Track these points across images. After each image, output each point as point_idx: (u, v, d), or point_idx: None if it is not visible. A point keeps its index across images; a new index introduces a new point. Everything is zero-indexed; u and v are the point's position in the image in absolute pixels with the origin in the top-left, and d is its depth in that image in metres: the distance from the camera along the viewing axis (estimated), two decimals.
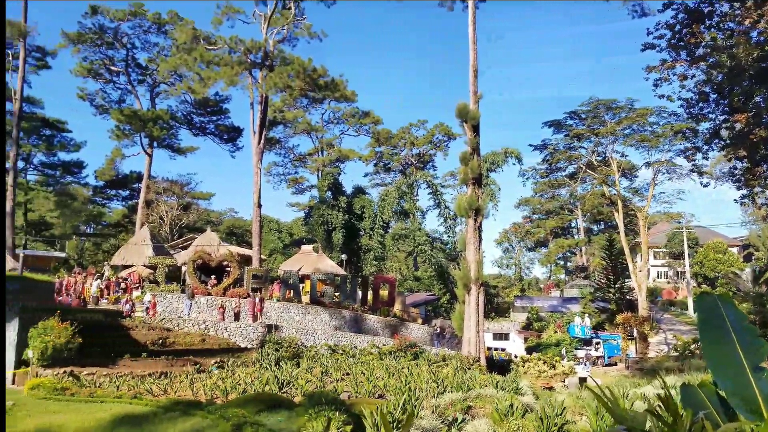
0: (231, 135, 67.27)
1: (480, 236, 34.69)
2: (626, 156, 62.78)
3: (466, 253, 34.98)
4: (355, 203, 62.96)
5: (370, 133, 79.68)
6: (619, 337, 46.44)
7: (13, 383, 21.98)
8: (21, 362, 22.63)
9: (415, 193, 73.65)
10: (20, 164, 57.21)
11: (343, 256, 54.99)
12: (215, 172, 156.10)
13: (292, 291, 39.05)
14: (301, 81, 45.91)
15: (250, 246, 51.01)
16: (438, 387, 23.05)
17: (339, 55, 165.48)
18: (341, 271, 47.42)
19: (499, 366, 35.88)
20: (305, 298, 40.01)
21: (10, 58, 55.55)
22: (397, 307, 45.62)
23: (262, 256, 49.62)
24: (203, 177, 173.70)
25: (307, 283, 41.78)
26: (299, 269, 43.74)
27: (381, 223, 62.12)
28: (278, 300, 37.60)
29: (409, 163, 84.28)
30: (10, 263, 33.48)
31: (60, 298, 32.13)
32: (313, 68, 45.96)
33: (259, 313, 34.93)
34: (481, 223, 34.76)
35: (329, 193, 63.15)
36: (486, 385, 24.22)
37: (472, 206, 33.90)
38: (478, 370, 29.25)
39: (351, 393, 22.47)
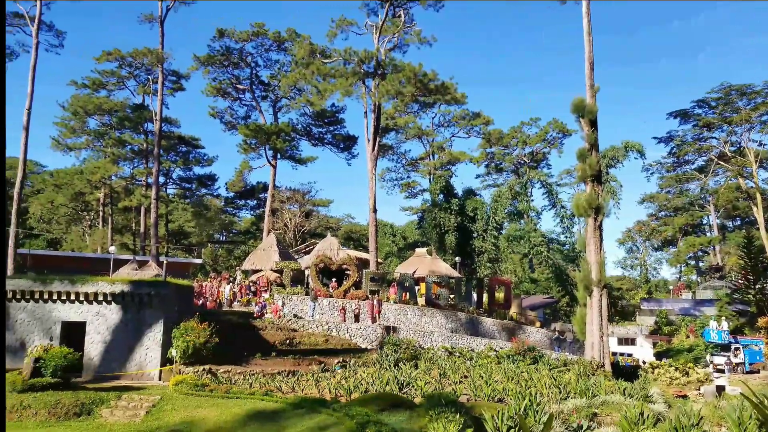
0: (347, 144, 69.28)
1: (601, 236, 33.10)
2: (764, 145, 57.13)
3: (586, 254, 33.54)
4: (468, 205, 62.41)
5: (480, 134, 78.63)
6: (762, 342, 42.30)
7: (160, 379, 24.00)
8: (166, 360, 24.66)
9: (529, 193, 71.59)
10: (161, 179, 62.45)
11: (457, 259, 54.68)
12: (333, 180, 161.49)
13: (408, 293, 39.43)
14: (412, 87, 46.35)
15: (366, 250, 52.17)
16: (560, 393, 22.27)
17: (447, 56, 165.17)
18: (455, 274, 47.19)
19: (625, 372, 33.97)
20: (421, 301, 40.23)
21: (150, 83, 60.89)
22: (513, 310, 44.64)
23: (379, 260, 50.56)
24: (322, 185, 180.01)
25: (423, 285, 42.00)
26: (414, 272, 44.08)
27: (494, 224, 61.05)
28: (395, 302, 38.12)
29: (522, 162, 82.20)
30: (154, 269, 36.70)
31: (199, 301, 34.71)
32: (423, 73, 46.24)
33: (377, 315, 35.63)
34: (601, 222, 33.17)
35: (441, 196, 63.06)
36: (612, 392, 23.07)
37: (592, 205, 32.43)
38: (602, 376, 27.90)
39: (470, 396, 22.28)
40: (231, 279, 43.10)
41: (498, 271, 60.98)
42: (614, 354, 39.37)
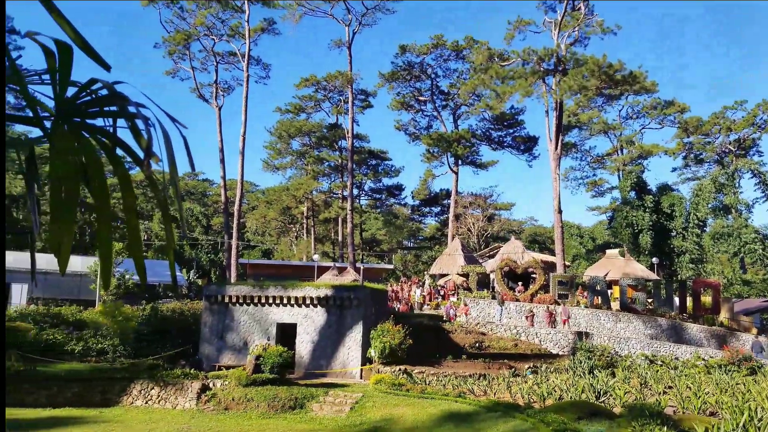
0: (527, 145, 67.45)
1: None
2: None
3: None
4: (663, 202, 56.89)
5: (675, 123, 71.35)
6: None
7: (361, 377, 25.32)
8: (366, 359, 25.95)
9: (737, 185, 63.17)
10: (355, 191, 66.34)
11: (654, 260, 50.02)
12: (514, 183, 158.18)
13: (599, 297, 36.97)
14: (597, 80, 43.65)
15: (552, 253, 50.10)
16: None
17: (634, 44, 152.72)
18: (653, 276, 43.20)
19: None
20: (614, 305, 37.45)
21: (342, 103, 65.15)
22: (723, 315, 39.57)
23: (566, 262, 48.22)
24: (503, 188, 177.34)
25: (616, 289, 39.07)
26: (606, 274, 41.21)
27: (695, 221, 54.90)
28: (585, 307, 35.98)
29: (727, 151, 72.79)
30: (352, 275, 39.00)
31: (392, 305, 36.12)
32: (608, 64, 43.31)
33: (567, 320, 33.94)
34: None
35: (633, 193, 58.33)
36: None
37: None
38: None
39: (676, 408, 20.17)
40: (420, 283, 44.18)
41: (702, 273, 54.65)
42: None
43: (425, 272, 49.81)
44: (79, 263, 42.39)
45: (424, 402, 19.39)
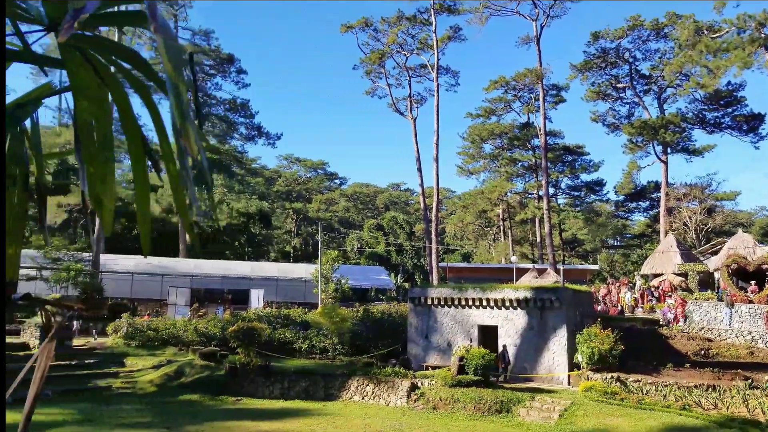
0: (751, 124, 58.39)
1: None
2: None
3: None
4: None
5: None
6: None
7: (569, 384, 24.04)
8: (573, 365, 24.59)
9: None
10: (551, 190, 63.77)
11: None
12: (737, 168, 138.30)
13: None
14: None
15: None
16: None
17: None
18: None
19: None
20: None
21: (533, 101, 63.17)
22: None
23: None
24: (725, 176, 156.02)
25: None
26: None
27: None
28: None
29: None
30: (553, 276, 37.38)
31: (599, 307, 33.82)
32: None
33: None
34: None
35: None
36: None
37: None
38: None
39: None
40: (630, 285, 40.75)
41: None
42: None
43: (635, 272, 45.77)
44: (303, 270, 47.05)
45: (642, 413, 17.74)
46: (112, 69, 1.20)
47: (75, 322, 31.46)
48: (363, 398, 24.00)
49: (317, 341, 29.96)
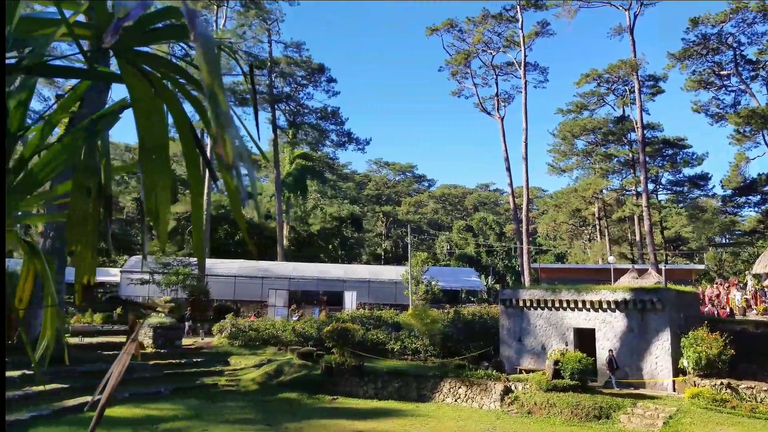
0: None
1: None
2: None
3: None
4: None
5: None
6: None
7: (674, 390, 22.52)
8: (678, 370, 23.03)
9: None
10: (650, 186, 60.20)
11: None
12: None
13: None
14: None
15: None
16: None
17: None
18: None
19: None
20: None
21: (628, 93, 59.94)
22: None
23: None
24: None
25: None
26: None
27: None
28: None
29: None
30: (654, 277, 35.14)
31: (705, 309, 31.47)
32: None
33: None
34: None
35: None
36: None
37: None
38: None
39: None
40: (741, 285, 37.58)
41: None
42: None
43: (746, 272, 42.13)
44: (393, 272, 47.46)
45: (756, 423, 16.30)
46: (168, 83, 1.26)
47: (186, 323, 33.59)
48: (455, 400, 23.77)
49: (409, 342, 30.04)
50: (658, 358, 23.46)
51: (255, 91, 1.63)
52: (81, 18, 1.40)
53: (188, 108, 1.40)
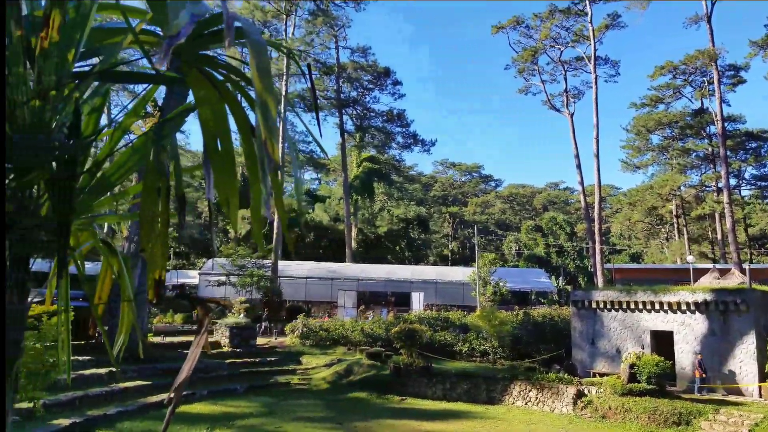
0: None
1: None
2: None
3: None
4: None
5: None
6: None
7: (759, 396, 21.08)
8: (764, 375, 21.54)
9: None
10: (732, 181, 56.76)
11: None
12: None
13: None
14: None
15: None
16: None
17: None
18: None
19: None
20: None
21: (706, 85, 56.69)
22: None
23: None
24: None
25: None
26: None
27: None
28: None
29: None
30: (738, 277, 33.03)
31: None
32: None
33: None
34: None
35: None
36: None
37: None
38: None
39: None
40: None
41: None
42: None
43: None
44: (460, 273, 47.04)
45: None
46: (228, 85, 1.31)
47: (262, 324, 34.65)
48: (526, 403, 23.25)
49: (477, 344, 29.66)
50: (742, 362, 22.03)
51: (315, 92, 1.66)
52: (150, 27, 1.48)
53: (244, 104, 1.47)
